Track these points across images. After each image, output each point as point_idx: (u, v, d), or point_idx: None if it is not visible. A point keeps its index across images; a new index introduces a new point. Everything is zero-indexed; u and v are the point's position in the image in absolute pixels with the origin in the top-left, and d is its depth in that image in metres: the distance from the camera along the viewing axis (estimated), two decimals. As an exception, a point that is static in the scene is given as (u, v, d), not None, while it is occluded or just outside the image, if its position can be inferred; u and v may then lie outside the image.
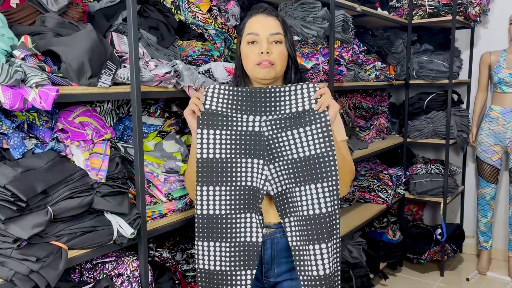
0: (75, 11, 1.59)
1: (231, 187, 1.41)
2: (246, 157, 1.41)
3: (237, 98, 1.41)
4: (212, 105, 1.40)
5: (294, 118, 1.39)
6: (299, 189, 1.38)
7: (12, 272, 1.23)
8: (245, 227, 1.43)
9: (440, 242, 3.49)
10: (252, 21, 1.49)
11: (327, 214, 1.36)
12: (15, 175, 1.26)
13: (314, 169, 1.37)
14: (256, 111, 1.41)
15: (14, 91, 1.18)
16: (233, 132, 1.40)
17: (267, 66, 1.45)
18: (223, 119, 1.40)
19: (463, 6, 3.39)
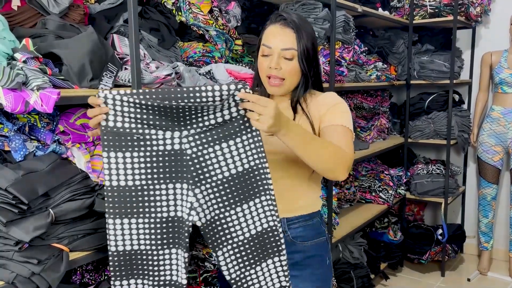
0: (76, 13, 1.59)
1: (149, 219, 1.19)
2: (166, 182, 1.19)
3: (147, 111, 1.13)
4: (117, 121, 1.13)
5: (219, 129, 1.18)
6: (234, 212, 1.22)
7: (13, 274, 1.23)
8: (170, 264, 1.23)
9: (441, 243, 3.49)
10: (268, 31, 1.45)
11: (269, 229, 1.23)
12: (17, 177, 1.27)
13: (247, 186, 1.21)
14: (174, 125, 1.16)
15: (15, 94, 1.18)
16: (147, 153, 1.17)
17: (275, 85, 1.43)
18: (132, 138, 1.15)
19: (464, 6, 3.39)
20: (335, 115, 1.43)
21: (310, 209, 1.51)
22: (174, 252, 1.23)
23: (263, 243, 1.24)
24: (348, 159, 1.34)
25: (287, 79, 1.43)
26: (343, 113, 1.45)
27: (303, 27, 1.43)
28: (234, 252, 1.25)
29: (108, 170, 1.15)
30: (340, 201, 3.19)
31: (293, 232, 1.48)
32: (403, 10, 3.54)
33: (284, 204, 1.44)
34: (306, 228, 1.50)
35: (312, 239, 1.50)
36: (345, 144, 1.38)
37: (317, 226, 1.52)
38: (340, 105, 1.47)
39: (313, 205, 1.53)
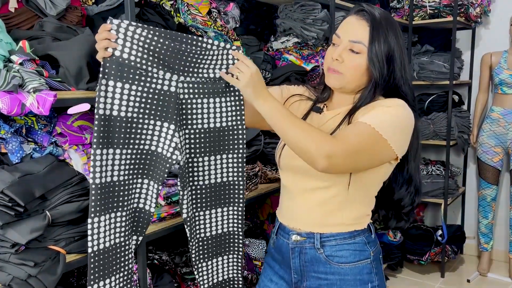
0: (74, 15, 1.59)
1: (132, 150, 1.24)
2: (155, 119, 1.25)
3: (154, 48, 1.18)
4: (124, 51, 1.16)
5: (210, 84, 1.30)
6: (202, 160, 1.35)
7: (10, 277, 1.23)
8: (140, 193, 1.30)
9: (441, 243, 3.49)
10: (344, 22, 1.34)
11: (228, 182, 1.40)
12: (13, 180, 1.26)
13: (222, 141, 1.36)
14: (174, 68, 1.23)
15: (11, 96, 1.18)
16: (145, 89, 1.21)
17: (333, 72, 1.31)
18: (135, 71, 1.19)
19: (464, 7, 3.38)
20: (370, 114, 1.23)
21: (352, 227, 1.34)
22: (146, 183, 1.29)
23: (222, 192, 1.40)
24: (330, 144, 1.15)
25: (347, 74, 1.29)
26: (381, 114, 1.23)
27: (383, 24, 1.27)
28: (194, 193, 1.37)
29: (104, 99, 1.16)
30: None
31: (328, 250, 1.33)
32: (403, 11, 3.53)
33: (320, 218, 1.34)
34: (345, 248, 1.33)
35: (352, 261, 1.33)
36: (346, 135, 1.20)
37: (360, 247, 1.34)
38: (389, 109, 1.25)
39: (356, 222, 1.35)
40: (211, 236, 1.44)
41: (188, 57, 1.22)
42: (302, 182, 1.35)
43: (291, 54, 2.38)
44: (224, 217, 1.44)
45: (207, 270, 1.46)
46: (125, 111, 1.20)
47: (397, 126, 1.24)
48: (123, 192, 1.24)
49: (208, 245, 1.44)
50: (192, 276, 1.94)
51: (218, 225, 1.44)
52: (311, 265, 1.35)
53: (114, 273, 1.26)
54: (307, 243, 1.35)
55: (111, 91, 1.17)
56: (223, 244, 1.47)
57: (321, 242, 1.34)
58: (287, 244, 1.39)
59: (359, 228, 1.35)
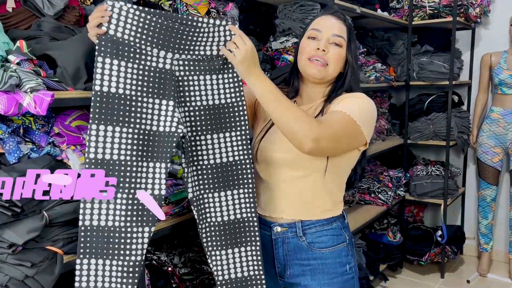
0: (72, 15, 1.59)
1: (133, 129, 1.22)
2: (153, 97, 1.25)
3: (148, 27, 1.20)
4: (118, 31, 1.18)
5: (207, 62, 1.30)
6: (205, 138, 1.33)
7: (7, 277, 1.23)
8: (147, 177, 1.25)
9: (441, 244, 3.48)
10: (320, 19, 1.48)
11: (234, 162, 1.36)
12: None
13: (222, 118, 1.34)
14: (169, 46, 1.24)
15: (8, 96, 1.17)
16: (141, 66, 1.22)
17: (319, 65, 1.41)
18: (130, 49, 1.20)
19: (463, 7, 3.38)
20: (344, 104, 1.37)
21: (329, 214, 1.45)
22: (152, 166, 1.26)
23: (228, 173, 1.36)
24: (317, 128, 1.25)
25: (331, 64, 1.42)
26: (355, 104, 1.37)
27: (352, 28, 1.48)
28: (198, 174, 1.34)
29: (101, 75, 1.17)
30: (339, 203, 3.18)
31: (309, 237, 1.43)
32: (402, 11, 3.53)
33: (300, 207, 1.43)
34: (324, 234, 1.44)
35: (331, 245, 1.44)
36: (327, 119, 1.32)
37: (337, 232, 1.46)
38: (359, 100, 1.40)
39: (332, 209, 1.46)
40: (223, 222, 1.37)
41: (183, 35, 1.23)
42: (281, 174, 1.43)
43: (290, 54, 2.38)
44: (235, 201, 1.38)
45: (221, 261, 1.38)
46: (123, 88, 1.20)
47: (367, 115, 1.38)
48: (123, 173, 1.21)
49: (221, 232, 1.37)
50: (190, 277, 1.93)
51: (229, 209, 1.38)
52: (294, 253, 1.44)
53: (109, 257, 1.22)
54: (289, 233, 1.44)
55: (108, 68, 1.18)
56: (238, 233, 1.39)
57: (303, 230, 1.43)
58: (269, 236, 1.47)
59: (335, 215, 1.47)
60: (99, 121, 1.18)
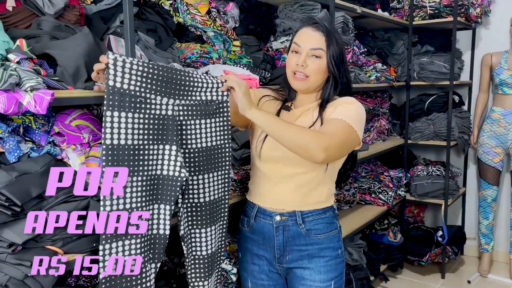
0: (72, 14, 1.58)
1: (142, 177, 1.29)
2: (158, 143, 1.32)
3: (151, 77, 1.27)
4: (124, 83, 1.23)
5: (203, 106, 1.41)
6: (197, 178, 1.43)
7: (7, 277, 1.22)
8: (155, 218, 1.35)
9: (441, 244, 3.48)
10: (300, 32, 1.59)
11: (215, 200, 1.47)
12: (10, 179, 1.25)
13: (210, 160, 1.44)
14: (170, 92, 1.33)
15: (8, 95, 1.17)
16: (146, 115, 1.28)
17: (300, 79, 1.55)
18: (136, 100, 1.26)
19: (464, 7, 3.37)
20: (339, 111, 1.51)
21: (324, 204, 1.62)
22: (157, 207, 1.35)
23: (213, 210, 1.48)
24: (325, 139, 1.40)
25: (311, 76, 1.54)
26: (349, 110, 1.51)
27: (333, 33, 1.56)
28: (190, 210, 1.45)
29: (110, 129, 1.22)
30: (339, 203, 3.18)
31: (308, 225, 1.59)
32: (403, 11, 3.53)
33: (300, 198, 1.58)
34: (320, 222, 1.61)
35: (325, 231, 1.61)
36: (331, 129, 1.45)
37: (330, 220, 1.63)
38: (351, 105, 1.54)
39: (327, 200, 1.63)
40: (206, 254, 1.50)
41: (181, 81, 1.34)
42: (283, 170, 1.58)
43: (290, 54, 2.37)
44: (215, 236, 1.52)
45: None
46: (131, 139, 1.26)
47: (360, 119, 1.54)
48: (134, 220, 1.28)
49: (204, 264, 1.50)
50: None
51: (212, 243, 1.50)
52: (293, 239, 1.60)
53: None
54: (289, 221, 1.60)
55: (116, 121, 1.23)
56: (214, 262, 1.55)
57: (302, 219, 1.59)
58: (270, 224, 1.62)
59: (329, 205, 1.64)
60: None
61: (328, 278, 1.60)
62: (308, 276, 1.59)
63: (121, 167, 1.23)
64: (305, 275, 1.60)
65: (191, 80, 1.36)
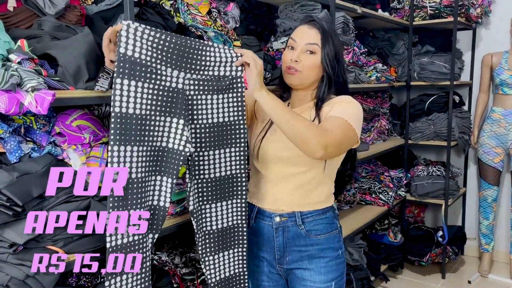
0: (73, 14, 1.58)
1: (147, 147, 1.29)
2: (165, 115, 1.32)
3: (162, 47, 1.26)
4: (135, 51, 1.22)
5: (215, 82, 1.39)
6: (207, 153, 1.42)
7: (8, 277, 1.23)
8: (155, 189, 1.35)
9: (442, 244, 3.48)
10: (297, 29, 1.59)
11: (227, 176, 1.46)
12: (11, 179, 1.26)
13: (224, 135, 1.43)
14: (182, 66, 1.31)
15: (9, 95, 1.17)
16: (156, 86, 1.28)
17: (291, 73, 1.54)
18: (146, 70, 1.25)
19: (464, 8, 3.37)
20: (337, 109, 1.50)
21: (324, 204, 1.60)
22: (160, 179, 1.35)
23: (225, 185, 1.47)
24: (326, 136, 1.37)
25: (304, 71, 1.53)
26: (347, 109, 1.50)
27: (329, 31, 1.56)
28: (198, 187, 1.43)
29: (120, 97, 1.21)
30: (340, 203, 3.18)
31: (308, 226, 1.57)
32: (403, 11, 3.53)
33: (299, 199, 1.57)
34: (320, 222, 1.59)
35: (325, 232, 1.59)
36: (331, 126, 1.43)
37: (330, 220, 1.61)
38: (349, 104, 1.53)
39: (326, 200, 1.61)
40: (217, 229, 1.48)
41: (194, 55, 1.32)
42: (281, 170, 1.57)
43: (291, 54, 2.38)
44: (228, 211, 1.50)
45: (213, 265, 1.50)
46: (140, 109, 1.25)
47: (358, 117, 1.51)
48: (141, 189, 1.28)
49: (215, 239, 1.48)
50: (191, 277, 1.93)
51: (223, 218, 1.49)
52: (293, 240, 1.58)
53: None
54: (289, 222, 1.58)
55: (126, 89, 1.22)
56: (228, 238, 1.51)
57: (302, 219, 1.57)
58: (269, 226, 1.60)
59: (329, 205, 1.62)
60: (119, 142, 1.23)
61: (328, 279, 1.59)
62: (308, 277, 1.58)
63: (128, 136, 1.23)
64: (305, 276, 1.59)
65: (205, 53, 1.34)
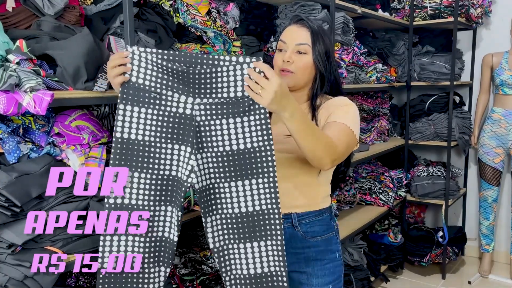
0: (72, 15, 1.58)
1: (151, 175, 1.25)
2: (173, 143, 1.26)
3: (168, 72, 1.21)
4: (139, 77, 1.20)
5: (231, 105, 1.23)
6: (228, 185, 1.27)
7: (6, 277, 1.23)
8: (164, 221, 1.30)
9: (442, 245, 3.47)
10: (286, 30, 1.56)
11: (261, 212, 1.27)
12: (10, 180, 1.26)
13: (248, 164, 1.25)
14: (189, 91, 1.23)
15: (8, 96, 1.17)
16: (160, 112, 1.23)
17: (286, 75, 1.50)
18: (150, 95, 1.22)
19: (464, 8, 3.37)
20: (338, 114, 1.48)
21: (320, 205, 1.57)
22: (170, 210, 1.29)
23: (256, 223, 1.28)
24: (334, 150, 1.37)
25: (298, 72, 1.50)
26: (347, 113, 1.49)
27: (319, 29, 1.52)
28: (221, 223, 1.31)
29: (122, 123, 1.21)
30: (339, 203, 3.17)
31: (304, 227, 1.54)
32: (403, 12, 3.52)
33: (295, 200, 1.53)
34: (316, 224, 1.56)
35: (322, 234, 1.56)
36: (337, 137, 1.41)
37: (327, 222, 1.59)
38: (348, 107, 1.51)
39: (323, 201, 1.59)
40: (249, 275, 1.31)
41: (203, 78, 1.21)
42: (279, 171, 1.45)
43: (291, 54, 2.37)
44: (262, 254, 1.30)
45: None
46: (142, 135, 1.23)
47: (357, 121, 1.51)
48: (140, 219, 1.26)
49: (246, 285, 1.32)
50: (191, 278, 1.93)
51: (256, 262, 1.31)
52: (289, 242, 1.54)
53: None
54: (285, 224, 1.53)
55: (128, 115, 1.21)
56: (266, 285, 1.32)
57: (298, 221, 1.54)
58: None
59: (325, 206, 1.59)
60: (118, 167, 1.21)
61: (325, 282, 1.55)
62: (305, 281, 1.55)
63: (129, 162, 1.21)
64: (302, 279, 1.55)
65: (217, 74, 1.21)
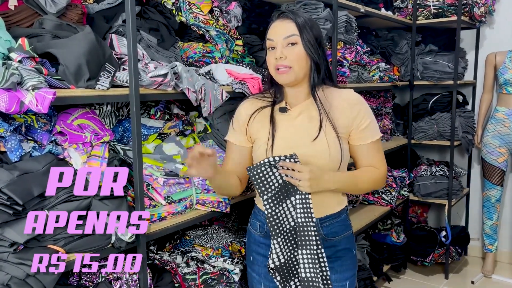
0: (74, 13, 1.58)
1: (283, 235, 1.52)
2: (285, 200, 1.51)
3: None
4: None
5: (282, 190, 1.46)
6: (299, 253, 1.47)
7: (8, 276, 1.22)
8: (296, 263, 1.53)
9: (445, 245, 3.46)
10: (270, 28, 1.55)
11: (306, 278, 1.46)
12: (12, 178, 1.25)
13: (298, 237, 1.46)
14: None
15: (10, 94, 1.17)
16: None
17: (284, 72, 1.50)
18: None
19: (468, 7, 3.36)
20: (366, 132, 1.57)
21: (339, 207, 1.63)
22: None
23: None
24: (383, 175, 1.59)
25: (294, 65, 1.49)
26: (372, 122, 1.59)
27: (303, 18, 1.51)
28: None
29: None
30: (342, 203, 3.16)
31: (325, 230, 1.59)
32: (406, 10, 3.51)
33: (317, 206, 1.53)
34: (336, 225, 1.61)
35: (341, 233, 1.62)
36: (379, 159, 1.59)
37: (344, 221, 1.65)
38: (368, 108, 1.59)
39: (341, 203, 1.64)
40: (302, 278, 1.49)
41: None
42: None
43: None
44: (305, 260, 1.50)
45: None
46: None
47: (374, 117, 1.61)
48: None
49: None
50: (193, 277, 1.92)
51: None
52: None
53: None
54: None
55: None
56: None
57: (320, 225, 1.58)
58: None
59: (343, 207, 1.65)
60: None
61: (343, 278, 1.61)
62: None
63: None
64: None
65: (267, 173, 1.45)
